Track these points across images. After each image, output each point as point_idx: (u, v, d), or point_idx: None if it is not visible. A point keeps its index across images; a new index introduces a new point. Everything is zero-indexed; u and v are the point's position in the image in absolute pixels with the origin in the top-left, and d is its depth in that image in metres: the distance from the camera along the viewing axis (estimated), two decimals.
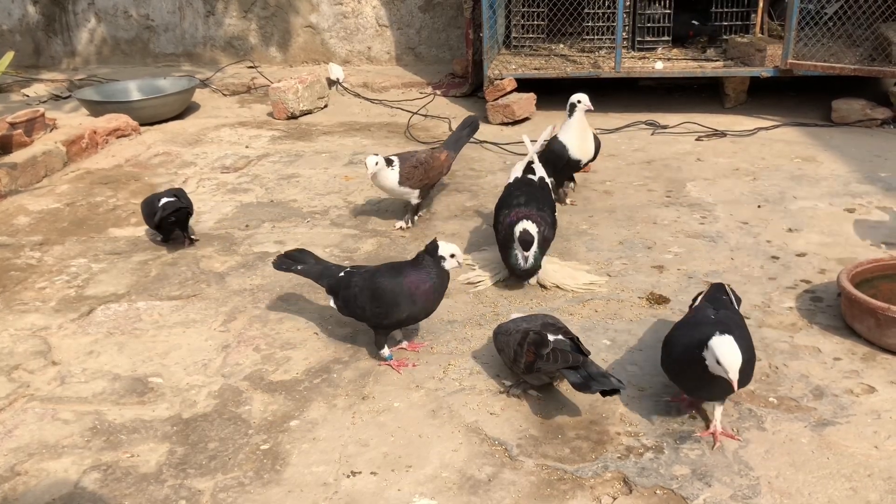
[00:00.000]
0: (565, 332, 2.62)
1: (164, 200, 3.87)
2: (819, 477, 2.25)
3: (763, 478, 2.25)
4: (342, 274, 2.97)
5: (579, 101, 4.14)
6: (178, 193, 3.98)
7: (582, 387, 2.43)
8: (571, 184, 4.41)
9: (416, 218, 4.09)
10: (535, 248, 3.25)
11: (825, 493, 2.19)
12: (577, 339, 2.59)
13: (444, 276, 2.84)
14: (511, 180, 3.67)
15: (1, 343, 3.15)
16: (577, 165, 4.26)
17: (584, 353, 2.52)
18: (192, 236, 4.00)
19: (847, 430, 2.43)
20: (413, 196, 3.99)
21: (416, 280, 2.80)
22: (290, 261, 3.10)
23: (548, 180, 3.72)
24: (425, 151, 4.09)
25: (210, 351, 3.05)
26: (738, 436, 2.41)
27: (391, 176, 3.86)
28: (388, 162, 3.86)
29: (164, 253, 3.91)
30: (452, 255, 2.82)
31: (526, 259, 3.26)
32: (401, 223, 4.05)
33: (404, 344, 3.01)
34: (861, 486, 2.21)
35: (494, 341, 2.82)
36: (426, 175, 3.98)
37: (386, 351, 2.90)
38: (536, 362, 2.53)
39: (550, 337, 2.56)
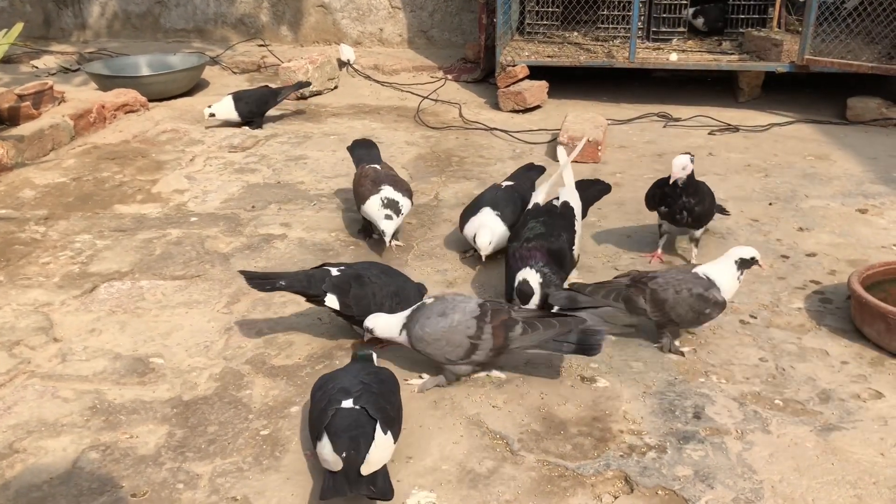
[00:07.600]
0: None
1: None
2: (823, 483, 2.22)
3: (766, 482, 2.23)
4: (337, 273, 2.82)
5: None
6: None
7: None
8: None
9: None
10: (535, 300, 2.92)
11: (829, 499, 2.16)
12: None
13: None
14: (531, 206, 3.33)
15: (3, 318, 3.13)
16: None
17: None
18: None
19: (853, 436, 2.40)
20: None
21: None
22: (266, 280, 2.85)
23: (575, 205, 3.30)
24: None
25: (212, 333, 3.03)
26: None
27: None
28: None
29: (169, 231, 3.88)
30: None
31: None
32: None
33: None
34: (866, 493, 2.18)
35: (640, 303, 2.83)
36: None
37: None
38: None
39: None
